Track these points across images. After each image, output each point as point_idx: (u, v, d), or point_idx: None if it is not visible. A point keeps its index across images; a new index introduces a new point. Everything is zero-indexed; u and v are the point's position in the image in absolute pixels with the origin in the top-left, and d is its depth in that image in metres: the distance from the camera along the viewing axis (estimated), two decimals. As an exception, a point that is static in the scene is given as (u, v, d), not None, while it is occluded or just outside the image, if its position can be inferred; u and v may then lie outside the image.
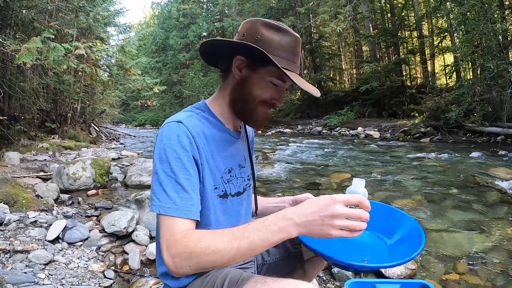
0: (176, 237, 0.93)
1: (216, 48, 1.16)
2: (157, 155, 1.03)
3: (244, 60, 1.12)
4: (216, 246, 0.89)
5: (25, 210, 3.52)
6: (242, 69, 1.13)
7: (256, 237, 0.88)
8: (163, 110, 34.54)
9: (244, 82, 1.13)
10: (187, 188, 1.00)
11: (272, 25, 1.09)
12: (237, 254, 0.88)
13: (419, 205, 4.27)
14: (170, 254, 0.92)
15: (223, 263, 0.90)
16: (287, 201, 1.40)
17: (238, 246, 0.88)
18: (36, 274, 2.29)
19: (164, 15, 43.60)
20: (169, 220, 0.96)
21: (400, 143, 12.06)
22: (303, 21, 21.42)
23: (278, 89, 1.14)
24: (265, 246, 0.88)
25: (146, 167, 5.55)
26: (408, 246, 1.09)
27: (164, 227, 0.96)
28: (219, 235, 0.91)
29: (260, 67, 1.10)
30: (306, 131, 19.02)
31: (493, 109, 11.29)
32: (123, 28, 16.69)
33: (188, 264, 0.90)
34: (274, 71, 1.09)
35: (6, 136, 8.35)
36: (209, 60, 1.24)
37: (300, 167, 7.21)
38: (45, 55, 7.30)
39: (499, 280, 2.40)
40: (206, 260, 0.89)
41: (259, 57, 1.05)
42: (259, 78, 1.11)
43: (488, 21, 11.16)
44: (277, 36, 1.08)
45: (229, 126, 1.22)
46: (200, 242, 0.90)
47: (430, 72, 21.51)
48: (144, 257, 2.64)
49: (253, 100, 1.12)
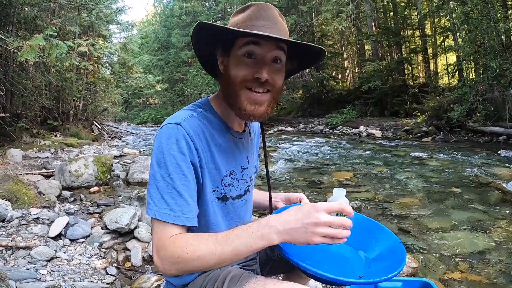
0: (165, 242, 0.95)
1: (201, 51, 1.14)
2: (155, 158, 1.02)
3: (221, 52, 1.09)
4: (201, 252, 0.90)
5: (28, 207, 3.53)
6: (224, 61, 1.09)
7: (239, 244, 0.88)
8: (165, 108, 34.52)
9: (226, 70, 1.08)
10: (184, 194, 0.99)
11: (238, 9, 1.08)
12: (221, 260, 0.90)
13: (421, 204, 4.27)
14: (159, 257, 0.95)
15: (208, 267, 0.93)
16: (279, 197, 1.39)
17: (222, 252, 0.89)
18: (38, 271, 2.30)
19: (166, 13, 43.55)
20: (162, 225, 0.97)
21: (402, 142, 12.05)
22: (306, 20, 21.35)
23: (256, 61, 1.02)
24: (248, 252, 0.89)
25: (148, 165, 5.53)
26: (389, 263, 1.06)
27: (156, 230, 0.98)
28: (204, 241, 0.92)
29: (231, 49, 1.05)
30: (308, 130, 19.00)
31: (495, 109, 11.27)
32: (125, 26, 16.71)
33: (175, 267, 0.93)
34: (241, 43, 1.02)
35: (8, 134, 8.38)
36: (211, 69, 1.22)
37: (302, 166, 7.21)
38: (48, 52, 7.31)
39: (500, 279, 2.40)
40: (191, 265, 0.92)
41: (226, 38, 1.04)
42: (234, 59, 1.04)
43: (491, 20, 11.13)
44: (241, 14, 1.06)
45: (233, 125, 1.18)
46: (186, 248, 0.92)
47: (432, 71, 21.43)
48: (146, 254, 2.65)
49: (235, 84, 1.04)
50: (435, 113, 13.47)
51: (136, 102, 30.23)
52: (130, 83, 14.85)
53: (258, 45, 1.00)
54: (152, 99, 17.50)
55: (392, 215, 3.86)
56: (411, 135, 13.72)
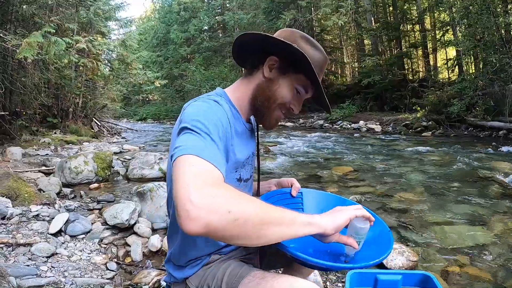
0: (215, 174, 0.81)
1: (255, 42, 1.16)
2: (189, 116, 0.95)
3: (277, 61, 1.16)
4: (253, 200, 0.81)
5: (28, 204, 3.53)
6: (273, 70, 1.17)
7: (288, 213, 0.84)
8: (164, 104, 34.49)
9: (272, 81, 1.17)
10: (221, 150, 0.93)
11: (308, 39, 1.18)
12: (266, 217, 0.79)
13: (421, 198, 4.27)
14: (203, 193, 0.73)
15: (252, 221, 0.76)
16: (273, 182, 1.45)
17: (269, 211, 0.81)
18: (39, 267, 2.30)
19: (165, 9, 43.35)
20: (204, 161, 0.82)
21: (402, 137, 12.05)
22: (305, 15, 21.30)
23: (299, 97, 1.21)
24: (291, 225, 0.84)
25: (148, 160, 5.56)
26: (375, 248, 1.07)
27: (196, 165, 0.80)
28: (249, 198, 0.82)
29: (290, 72, 1.16)
30: (308, 125, 18.99)
31: (495, 104, 11.25)
32: (124, 22, 16.67)
33: (210, 218, 0.71)
34: (302, 80, 1.16)
35: (8, 132, 8.39)
36: (239, 51, 1.23)
37: (302, 160, 7.21)
38: (46, 49, 7.30)
39: (500, 272, 2.41)
40: (239, 209, 0.74)
41: (294, 62, 1.13)
42: (287, 82, 1.16)
43: (491, 15, 11.07)
44: (312, 50, 1.15)
45: (244, 118, 1.25)
46: (236, 191, 0.80)
47: (432, 66, 21.35)
48: (146, 249, 2.66)
49: (275, 100, 1.17)
50: (435, 108, 13.45)
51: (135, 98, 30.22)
52: (129, 79, 14.82)
53: (307, 92, 1.21)
54: (151, 96, 17.52)
55: (391, 208, 3.87)
56: (411, 129, 13.71)
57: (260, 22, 24.60)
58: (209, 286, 1.11)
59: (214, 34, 37.37)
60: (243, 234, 0.75)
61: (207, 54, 34.57)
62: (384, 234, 1.14)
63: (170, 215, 1.19)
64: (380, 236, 1.13)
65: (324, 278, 2.34)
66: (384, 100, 19.17)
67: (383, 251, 1.04)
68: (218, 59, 33.41)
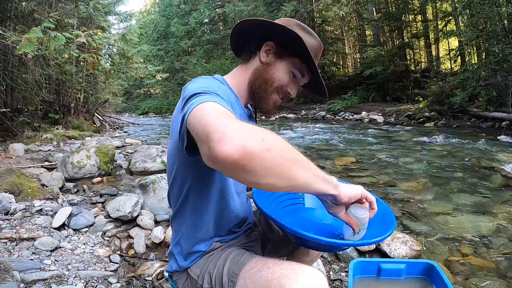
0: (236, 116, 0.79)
1: (252, 28, 1.20)
2: (193, 88, 0.92)
3: (273, 47, 1.20)
4: (282, 139, 0.76)
5: (31, 199, 3.54)
6: (270, 54, 1.20)
7: (311, 162, 0.82)
8: (166, 98, 34.43)
9: (269, 65, 1.20)
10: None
11: (304, 27, 1.22)
12: (297, 157, 0.77)
13: (424, 188, 4.27)
14: (235, 121, 0.72)
15: (286, 156, 0.74)
16: None
17: (298, 153, 0.78)
18: (43, 261, 2.31)
19: (165, 2, 43.14)
20: (222, 106, 0.80)
21: (404, 127, 12.00)
22: (306, 6, 21.16)
23: (295, 81, 1.23)
24: (313, 175, 0.83)
25: (150, 153, 5.56)
26: (378, 228, 1.09)
27: (217, 106, 0.79)
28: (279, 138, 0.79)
29: (286, 56, 1.19)
30: (310, 116, 18.95)
31: (498, 94, 11.17)
32: (124, 17, 16.57)
33: (253, 134, 0.69)
34: (297, 63, 1.20)
35: (10, 128, 8.40)
36: (238, 39, 1.27)
37: (304, 151, 7.14)
38: (46, 45, 7.27)
39: (503, 262, 2.40)
40: (273, 140, 0.72)
41: (290, 46, 1.17)
42: (283, 66, 1.19)
43: (494, 4, 10.94)
44: (307, 37, 1.19)
45: (243, 103, 1.26)
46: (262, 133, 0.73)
47: (434, 57, 21.24)
48: (149, 241, 2.66)
49: (272, 83, 1.19)
50: (437, 99, 13.38)
51: (137, 92, 30.25)
52: (130, 73, 14.79)
53: (304, 76, 1.23)
54: (153, 90, 17.51)
55: (395, 198, 3.86)
56: (413, 120, 13.66)
57: (261, 14, 24.45)
58: (210, 274, 1.11)
59: (215, 26, 37.27)
60: (277, 168, 0.71)
61: (208, 47, 34.48)
62: (387, 214, 1.15)
63: (181, 197, 1.15)
64: (382, 217, 1.13)
65: (328, 268, 2.34)
66: (386, 91, 19.11)
67: (387, 229, 1.05)
68: (219, 51, 33.33)
